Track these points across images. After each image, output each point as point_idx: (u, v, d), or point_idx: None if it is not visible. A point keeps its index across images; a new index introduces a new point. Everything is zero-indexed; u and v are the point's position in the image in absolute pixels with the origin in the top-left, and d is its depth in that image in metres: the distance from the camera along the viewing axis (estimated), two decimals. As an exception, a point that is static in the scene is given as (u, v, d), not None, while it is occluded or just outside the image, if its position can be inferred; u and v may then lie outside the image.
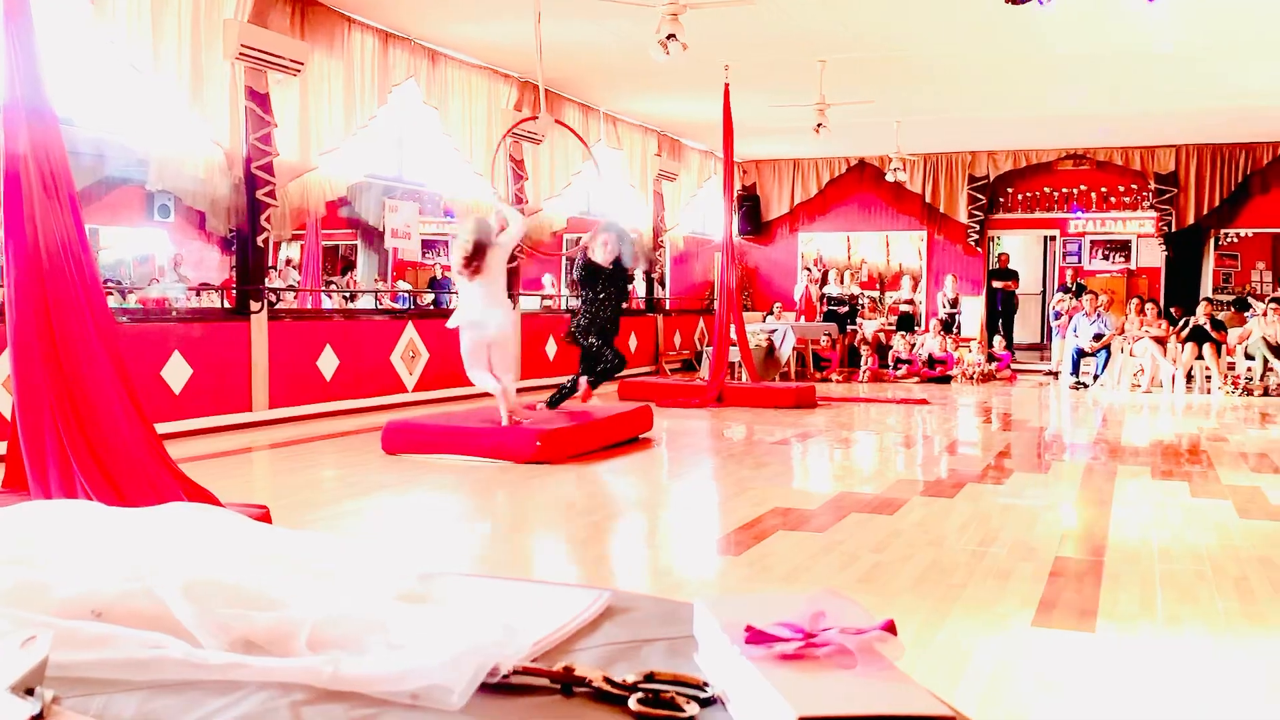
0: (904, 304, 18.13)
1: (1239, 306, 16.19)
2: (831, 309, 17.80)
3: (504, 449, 7.24)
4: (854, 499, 6.09)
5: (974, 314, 17.68)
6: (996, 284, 18.14)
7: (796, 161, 18.87)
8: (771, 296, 18.61)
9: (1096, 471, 7.26)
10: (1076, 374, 14.64)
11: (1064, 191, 17.79)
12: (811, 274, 18.47)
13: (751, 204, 19.13)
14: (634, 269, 9.34)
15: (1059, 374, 15.36)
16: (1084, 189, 17.70)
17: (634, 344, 15.63)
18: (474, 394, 8.82)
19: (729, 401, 11.31)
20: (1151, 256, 17.44)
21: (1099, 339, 14.61)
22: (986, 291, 18.10)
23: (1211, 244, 17.32)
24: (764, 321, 16.28)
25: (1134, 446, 8.65)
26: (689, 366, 16.88)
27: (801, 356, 15.36)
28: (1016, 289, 18.59)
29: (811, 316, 17.61)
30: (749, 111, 12.84)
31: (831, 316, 17.43)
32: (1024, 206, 18.00)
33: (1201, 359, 13.98)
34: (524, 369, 13.07)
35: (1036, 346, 19.60)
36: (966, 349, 15.85)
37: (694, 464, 7.98)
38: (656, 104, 14.24)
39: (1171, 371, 13.97)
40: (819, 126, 12.02)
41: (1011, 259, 18.54)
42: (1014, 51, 11.02)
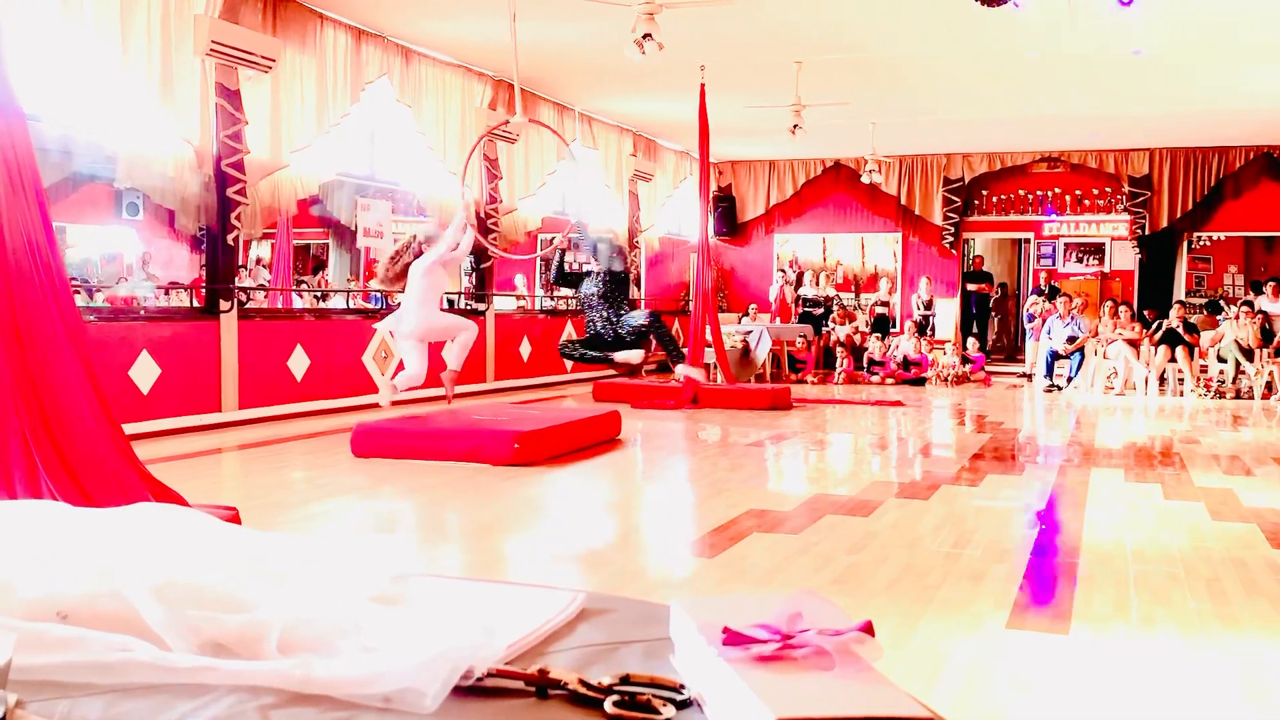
0: (879, 305, 18.20)
1: (1211, 309, 16.34)
2: (807, 310, 17.85)
3: (480, 452, 7.18)
4: (829, 501, 6.10)
5: (948, 316, 17.76)
6: (971, 286, 18.23)
7: (772, 163, 18.90)
8: (747, 298, 18.63)
9: (1070, 473, 7.31)
10: (1050, 376, 14.74)
11: (1038, 194, 17.91)
12: (787, 275, 18.51)
13: (727, 205, 19.15)
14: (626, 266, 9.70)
15: (1033, 376, 15.46)
16: (1058, 192, 17.81)
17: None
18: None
19: (704, 403, 11.31)
20: (1125, 259, 17.57)
21: (1073, 341, 14.71)
22: (961, 294, 18.19)
23: (1184, 247, 17.47)
24: (739, 323, 16.27)
25: (1107, 449, 8.70)
26: (664, 368, 16.87)
27: (777, 358, 15.38)
28: (991, 292, 18.72)
29: (787, 318, 17.65)
30: (725, 112, 12.85)
31: (807, 318, 17.49)
32: (999, 209, 18.09)
33: (1174, 362, 14.11)
34: (497, 370, 13.04)
35: (1006, 348, 19.76)
36: (941, 351, 15.93)
37: (669, 466, 7.97)
38: (632, 104, 14.23)
39: (1144, 374, 14.09)
40: (795, 128, 12.05)
41: (985, 262, 18.65)
42: (989, 54, 11.08)
